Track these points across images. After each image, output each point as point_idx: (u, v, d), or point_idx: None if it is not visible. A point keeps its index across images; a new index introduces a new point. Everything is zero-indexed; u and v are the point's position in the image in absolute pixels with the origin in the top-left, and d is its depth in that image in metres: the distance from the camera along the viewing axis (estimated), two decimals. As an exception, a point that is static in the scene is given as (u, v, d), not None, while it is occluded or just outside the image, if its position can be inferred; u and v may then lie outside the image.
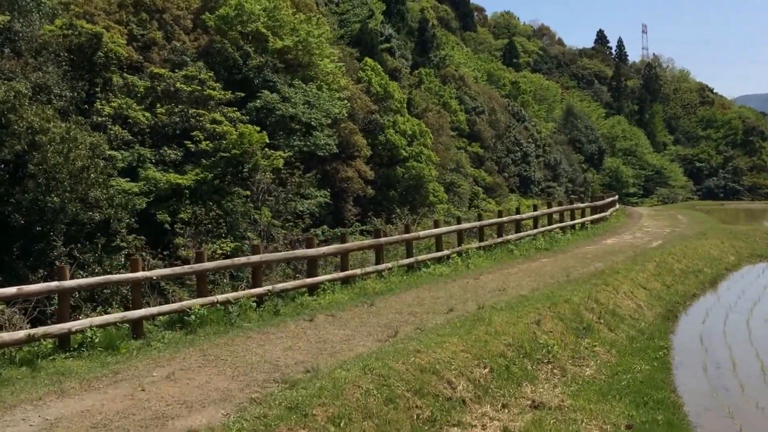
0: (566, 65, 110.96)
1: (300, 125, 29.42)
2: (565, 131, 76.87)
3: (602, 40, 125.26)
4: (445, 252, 20.93)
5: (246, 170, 24.96)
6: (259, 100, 28.80)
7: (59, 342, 11.05)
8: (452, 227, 22.75)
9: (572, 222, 31.85)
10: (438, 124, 43.66)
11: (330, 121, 30.86)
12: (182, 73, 26.65)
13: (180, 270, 13.95)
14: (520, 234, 26.06)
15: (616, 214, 43.36)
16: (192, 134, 24.97)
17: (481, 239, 23.58)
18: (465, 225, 23.48)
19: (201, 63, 28.33)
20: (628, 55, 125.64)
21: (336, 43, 40.98)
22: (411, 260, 19.36)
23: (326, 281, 16.26)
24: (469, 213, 36.40)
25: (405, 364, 10.22)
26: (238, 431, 7.75)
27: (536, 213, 28.80)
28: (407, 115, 38.71)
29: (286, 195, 26.63)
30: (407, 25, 58.74)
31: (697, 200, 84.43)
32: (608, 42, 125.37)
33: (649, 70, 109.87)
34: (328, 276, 16.78)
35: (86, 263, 18.04)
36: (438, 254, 20.58)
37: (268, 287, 14.79)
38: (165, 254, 20.65)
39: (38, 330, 10.78)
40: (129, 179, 22.30)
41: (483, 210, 36.38)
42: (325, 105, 30.80)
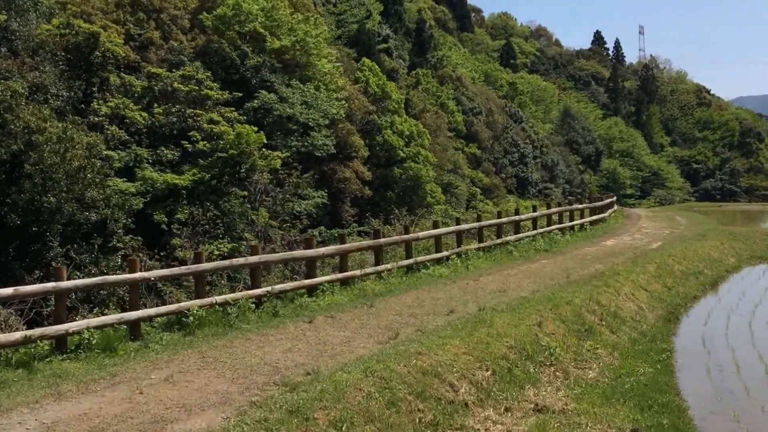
0: (563, 66, 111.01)
1: (297, 125, 29.34)
2: (562, 132, 76.89)
3: (599, 41, 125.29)
4: (445, 253, 20.79)
5: (243, 170, 24.88)
6: (257, 100, 28.72)
7: (56, 343, 10.91)
8: (451, 228, 22.61)
9: (571, 223, 31.74)
10: (435, 125, 43.61)
11: (327, 122, 30.78)
12: (179, 73, 26.54)
13: (178, 271, 13.83)
14: (519, 235, 25.94)
15: (615, 216, 43.31)
16: (189, 134, 24.90)
17: (481, 240, 23.47)
18: (464, 226, 23.32)
19: (198, 63, 28.22)
20: (625, 56, 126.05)
21: (333, 44, 40.89)
22: (410, 261, 19.23)
23: (325, 282, 16.14)
24: (468, 214, 36.28)
25: (406, 367, 10.09)
26: (239, 436, 7.61)
27: (535, 214, 28.66)
28: (405, 116, 38.62)
29: (284, 195, 26.55)
30: (404, 26, 58.65)
31: (694, 202, 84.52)
32: (605, 43, 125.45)
33: (646, 72, 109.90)
34: (327, 277, 16.66)
35: (82, 264, 17.96)
36: (437, 255, 20.45)
37: (267, 288, 14.66)
38: (162, 255, 20.58)
39: (35, 331, 10.66)
40: (126, 179, 22.21)
41: (481, 211, 36.26)
42: (323, 105, 30.71)
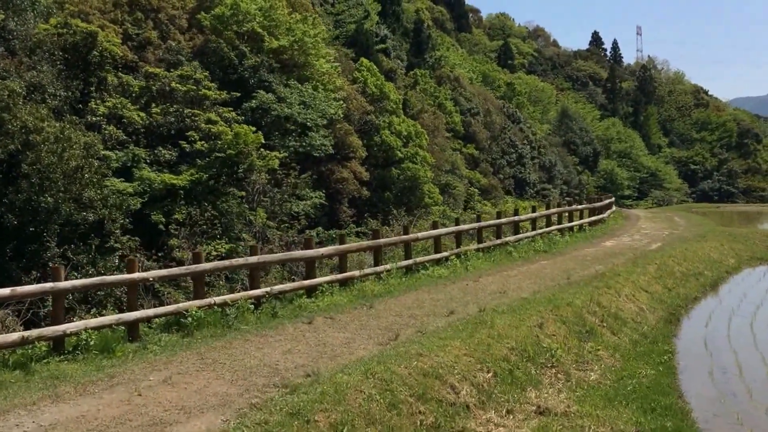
0: (561, 67, 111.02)
1: (295, 126, 29.26)
2: (560, 133, 76.90)
3: (597, 42, 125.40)
4: (444, 254, 20.70)
5: (241, 171, 24.79)
6: (255, 101, 28.63)
7: (53, 345, 10.80)
8: (451, 229, 22.52)
9: (570, 224, 31.68)
10: (433, 125, 43.55)
11: (325, 122, 30.71)
12: (177, 73, 26.45)
13: (177, 271, 13.74)
14: (519, 236, 25.86)
15: (614, 216, 43.25)
16: (187, 134, 24.82)
17: (480, 241, 23.39)
18: (463, 226, 23.24)
19: (196, 63, 28.14)
20: (623, 57, 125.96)
21: (331, 44, 40.82)
22: (409, 262, 19.15)
23: (324, 283, 16.04)
24: (466, 214, 36.21)
25: (407, 368, 10.00)
26: (239, 438, 7.52)
27: (534, 215, 28.57)
28: (402, 116, 38.55)
29: (282, 196, 26.46)
30: (402, 26, 58.63)
31: (692, 203, 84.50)
32: (603, 44, 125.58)
33: (644, 72, 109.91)
34: (326, 278, 16.56)
35: (80, 264, 17.87)
36: (437, 256, 20.36)
37: (266, 289, 14.55)
38: (159, 255, 20.50)
39: (32, 332, 10.54)
40: (123, 179, 22.12)
41: (480, 212, 36.17)
42: (321, 105, 30.64)
